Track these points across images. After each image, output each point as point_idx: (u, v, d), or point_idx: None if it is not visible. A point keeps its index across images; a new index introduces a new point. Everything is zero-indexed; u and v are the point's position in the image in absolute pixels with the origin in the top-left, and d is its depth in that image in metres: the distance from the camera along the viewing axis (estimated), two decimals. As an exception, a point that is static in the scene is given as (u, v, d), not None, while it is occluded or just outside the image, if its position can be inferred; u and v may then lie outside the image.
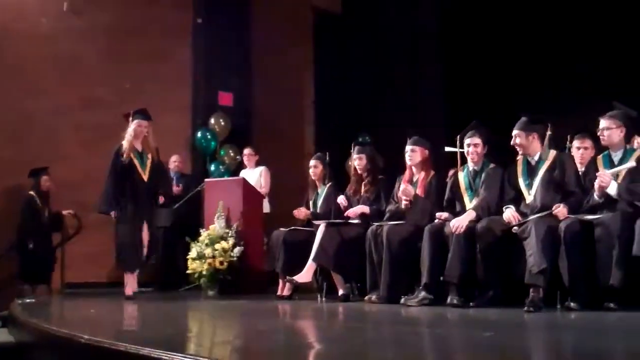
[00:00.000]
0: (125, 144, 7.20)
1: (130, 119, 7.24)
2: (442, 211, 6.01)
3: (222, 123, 10.10)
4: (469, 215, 5.69)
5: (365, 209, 6.60)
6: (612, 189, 5.23)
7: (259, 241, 7.95)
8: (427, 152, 6.36)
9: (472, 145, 5.97)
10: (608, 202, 5.26)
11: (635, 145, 5.84)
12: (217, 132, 10.12)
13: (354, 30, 9.58)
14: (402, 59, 8.99)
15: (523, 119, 5.71)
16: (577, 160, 5.87)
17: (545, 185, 5.56)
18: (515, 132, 5.68)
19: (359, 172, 6.82)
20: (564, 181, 5.55)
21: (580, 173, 5.68)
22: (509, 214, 5.50)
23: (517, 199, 5.67)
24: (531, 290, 5.15)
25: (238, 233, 7.74)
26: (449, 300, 5.57)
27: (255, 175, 8.75)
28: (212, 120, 10.12)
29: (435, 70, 8.88)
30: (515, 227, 5.39)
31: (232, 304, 6.60)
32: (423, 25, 9.09)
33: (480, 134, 5.98)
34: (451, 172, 6.37)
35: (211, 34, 9.97)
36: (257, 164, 8.92)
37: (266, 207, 8.58)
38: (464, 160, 6.09)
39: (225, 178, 9.27)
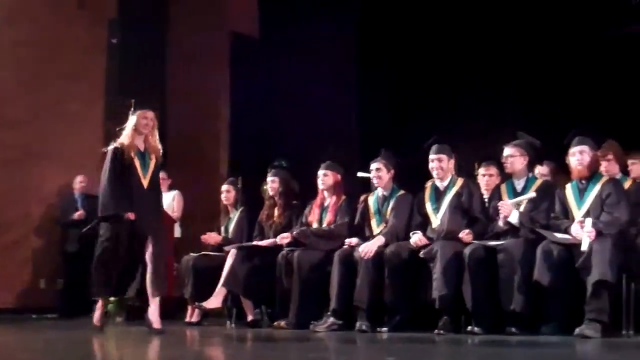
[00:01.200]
0: (125, 140, 5.78)
1: (132, 109, 5.86)
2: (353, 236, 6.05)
3: (136, 145, 9.89)
4: (378, 240, 5.75)
5: (272, 241, 6.56)
6: (514, 218, 5.37)
7: (170, 266, 7.80)
8: (339, 176, 6.40)
9: (374, 170, 6.08)
10: (512, 228, 5.39)
11: (537, 173, 6.03)
12: (131, 154, 9.91)
13: (272, 55, 9.60)
14: (320, 84, 9.02)
15: (444, 145, 5.82)
16: (483, 187, 6.01)
17: (452, 211, 5.67)
18: (437, 155, 5.79)
19: (272, 196, 6.80)
20: (470, 207, 5.68)
21: (485, 199, 5.82)
22: (416, 238, 5.58)
23: (425, 225, 5.76)
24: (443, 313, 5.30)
25: (148, 258, 7.58)
26: (357, 325, 5.59)
27: (168, 200, 8.59)
28: (126, 142, 9.91)
29: (352, 96, 8.95)
30: (422, 252, 5.48)
31: (139, 331, 6.43)
32: (341, 51, 9.18)
33: (384, 160, 6.09)
34: (362, 198, 6.43)
35: (126, 54, 9.79)
36: (170, 187, 8.77)
37: (177, 232, 8.44)
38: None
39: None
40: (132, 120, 5.82)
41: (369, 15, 8.35)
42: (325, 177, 6.36)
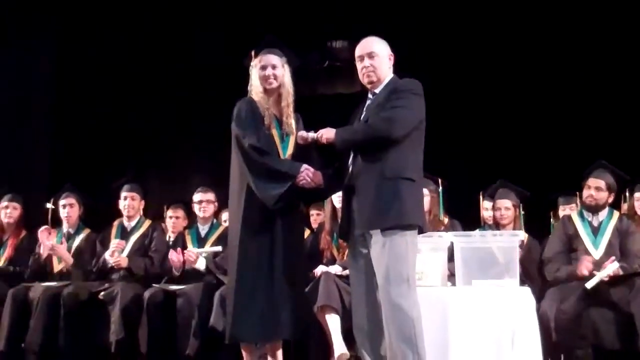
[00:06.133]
0: (255, 95, 4.06)
1: (253, 58, 4.11)
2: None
3: None
4: None
5: None
6: (201, 265, 5.43)
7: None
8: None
9: (67, 206, 5.88)
10: (196, 273, 5.45)
11: (223, 220, 6.18)
12: None
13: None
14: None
15: (136, 184, 5.79)
16: (170, 229, 6.07)
17: (135, 252, 5.69)
18: (130, 193, 5.79)
19: None
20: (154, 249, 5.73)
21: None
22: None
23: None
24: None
25: None
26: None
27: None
28: None
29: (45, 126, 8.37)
30: (102, 294, 5.34)
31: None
32: (37, 79, 8.56)
33: (76, 196, 5.94)
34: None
35: None
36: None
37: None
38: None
39: None
40: (254, 72, 4.10)
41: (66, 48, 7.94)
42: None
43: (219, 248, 5.45)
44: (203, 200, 5.72)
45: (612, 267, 4.72)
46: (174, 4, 7.58)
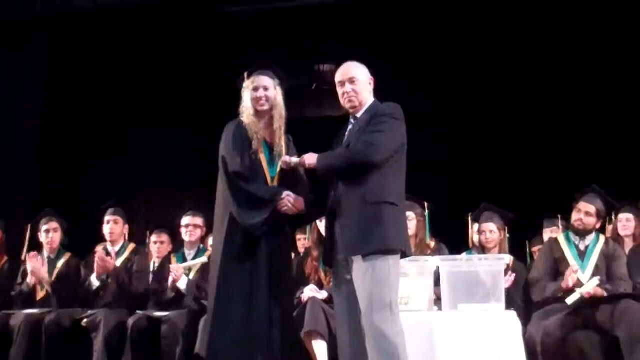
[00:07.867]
0: (245, 118, 4.02)
1: (245, 80, 4.09)
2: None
3: None
4: None
5: None
6: (183, 284, 5.40)
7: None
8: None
9: (51, 231, 5.84)
10: (177, 298, 5.40)
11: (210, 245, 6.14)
12: None
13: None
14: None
15: (119, 208, 5.73)
16: (154, 254, 6.01)
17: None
18: (113, 217, 5.74)
19: None
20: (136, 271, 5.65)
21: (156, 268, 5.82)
22: None
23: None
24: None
25: None
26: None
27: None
28: None
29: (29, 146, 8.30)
30: (84, 321, 5.28)
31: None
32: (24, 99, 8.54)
33: (58, 220, 5.91)
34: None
35: None
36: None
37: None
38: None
39: None
40: (245, 93, 4.06)
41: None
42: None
43: (204, 259, 5.39)
44: (190, 224, 5.68)
45: (592, 284, 4.75)
46: (162, 27, 7.59)
